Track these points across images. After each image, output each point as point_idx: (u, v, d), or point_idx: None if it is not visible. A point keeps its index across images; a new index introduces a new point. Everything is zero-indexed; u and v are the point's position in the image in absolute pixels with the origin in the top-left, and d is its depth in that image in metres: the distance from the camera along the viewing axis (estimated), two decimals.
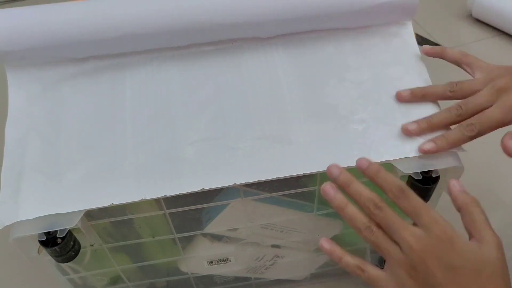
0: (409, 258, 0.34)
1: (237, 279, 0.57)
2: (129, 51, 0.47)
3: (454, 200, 0.37)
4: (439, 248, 0.34)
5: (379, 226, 0.36)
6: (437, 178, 0.41)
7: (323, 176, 0.43)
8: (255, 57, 0.48)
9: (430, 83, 0.47)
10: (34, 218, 0.39)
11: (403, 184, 0.37)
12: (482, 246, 0.35)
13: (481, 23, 0.99)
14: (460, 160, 0.42)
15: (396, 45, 0.49)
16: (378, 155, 0.42)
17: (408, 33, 0.50)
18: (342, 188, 0.38)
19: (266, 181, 0.41)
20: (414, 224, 0.36)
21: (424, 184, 0.41)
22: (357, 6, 0.47)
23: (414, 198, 0.36)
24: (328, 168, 0.39)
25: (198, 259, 0.51)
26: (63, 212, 0.40)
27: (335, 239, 0.53)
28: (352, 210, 0.37)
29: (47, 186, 0.41)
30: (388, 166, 0.42)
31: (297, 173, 0.41)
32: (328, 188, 0.38)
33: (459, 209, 0.37)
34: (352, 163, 0.42)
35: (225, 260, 0.52)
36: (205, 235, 0.49)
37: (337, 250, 0.38)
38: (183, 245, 0.49)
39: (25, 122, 0.44)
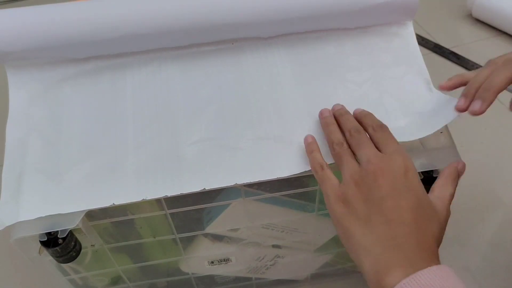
0: (363, 170, 0.37)
1: (238, 279, 0.57)
2: (130, 51, 0.47)
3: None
4: (394, 171, 0.36)
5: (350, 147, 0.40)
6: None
7: None
8: (255, 57, 0.48)
9: (430, 83, 0.47)
10: (35, 219, 0.39)
11: (383, 124, 0.40)
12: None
13: (481, 23, 1.00)
14: (461, 160, 0.42)
15: (397, 45, 0.49)
16: None
17: (408, 33, 0.50)
18: (336, 116, 0.43)
19: (267, 181, 0.41)
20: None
21: (425, 183, 0.41)
22: (358, 6, 0.47)
23: (389, 133, 0.39)
24: (335, 105, 0.44)
25: (199, 259, 0.51)
26: (64, 212, 0.39)
27: (336, 239, 0.54)
28: (335, 128, 0.41)
29: (48, 186, 0.41)
30: None
31: (298, 173, 0.41)
32: (325, 110, 0.44)
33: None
34: None
35: (226, 260, 0.52)
36: (206, 235, 0.49)
37: (315, 144, 0.42)
38: (184, 245, 0.49)
39: (25, 122, 0.44)
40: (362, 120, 0.41)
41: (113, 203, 0.40)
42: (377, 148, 0.38)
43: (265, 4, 0.46)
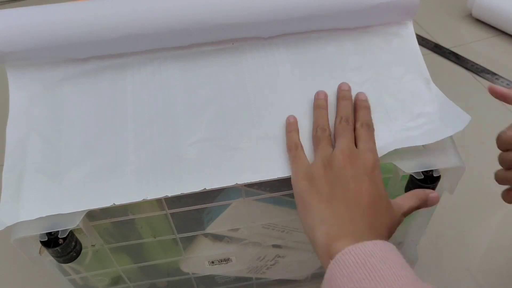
0: (335, 156, 0.39)
1: (238, 279, 0.57)
2: (130, 51, 0.47)
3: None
4: (362, 164, 0.39)
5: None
6: (438, 177, 0.42)
7: None
8: (256, 57, 0.48)
9: (430, 83, 0.47)
10: (36, 219, 0.39)
11: (371, 122, 0.43)
12: None
13: (481, 23, 1.00)
14: (461, 160, 0.42)
15: (397, 45, 0.49)
16: (379, 154, 0.42)
17: (408, 33, 0.50)
18: (339, 96, 0.45)
19: (268, 181, 0.41)
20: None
21: (425, 183, 0.41)
22: (358, 6, 0.47)
23: (372, 134, 0.42)
24: (343, 84, 0.46)
25: (199, 259, 0.51)
26: (65, 212, 0.39)
27: None
28: (325, 113, 0.44)
29: (48, 186, 0.41)
30: (389, 165, 0.43)
31: None
32: (322, 92, 0.45)
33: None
34: None
35: (226, 260, 0.52)
36: (206, 235, 0.49)
37: (295, 125, 0.44)
38: (184, 245, 0.49)
39: (26, 122, 0.44)
40: (357, 111, 0.43)
41: (114, 203, 0.40)
42: (355, 142, 0.41)
43: (265, 4, 0.46)
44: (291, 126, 0.43)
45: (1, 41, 0.44)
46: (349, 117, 0.42)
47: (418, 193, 0.40)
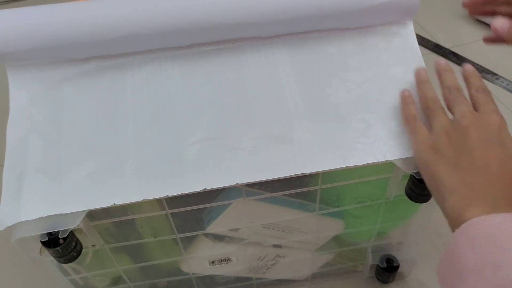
0: (456, 122, 0.38)
1: (238, 279, 0.57)
2: (131, 51, 0.47)
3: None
4: (487, 126, 0.37)
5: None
6: None
7: (325, 176, 0.43)
8: (256, 57, 0.48)
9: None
10: (36, 219, 0.39)
11: (486, 86, 0.41)
12: None
13: (481, 23, 1.00)
14: None
15: (397, 45, 0.49)
16: (380, 154, 0.42)
17: (409, 33, 0.50)
18: (439, 71, 0.43)
19: (268, 181, 0.41)
20: None
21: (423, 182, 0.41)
22: (358, 6, 0.47)
23: (491, 97, 0.40)
24: (440, 59, 0.44)
25: (200, 259, 0.51)
26: (65, 212, 0.40)
27: (337, 238, 0.54)
28: (429, 85, 0.43)
29: (49, 186, 0.41)
30: (390, 165, 0.43)
31: (299, 173, 0.41)
32: (422, 69, 0.45)
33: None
34: (353, 162, 0.42)
35: (227, 260, 0.52)
36: (206, 235, 0.49)
37: (411, 98, 0.43)
38: (185, 245, 0.49)
39: (26, 122, 0.44)
40: (469, 79, 0.42)
41: (114, 203, 0.40)
42: (474, 108, 0.39)
43: (265, 4, 0.46)
44: (408, 99, 0.43)
45: (1, 41, 0.44)
46: (458, 86, 0.41)
47: None
